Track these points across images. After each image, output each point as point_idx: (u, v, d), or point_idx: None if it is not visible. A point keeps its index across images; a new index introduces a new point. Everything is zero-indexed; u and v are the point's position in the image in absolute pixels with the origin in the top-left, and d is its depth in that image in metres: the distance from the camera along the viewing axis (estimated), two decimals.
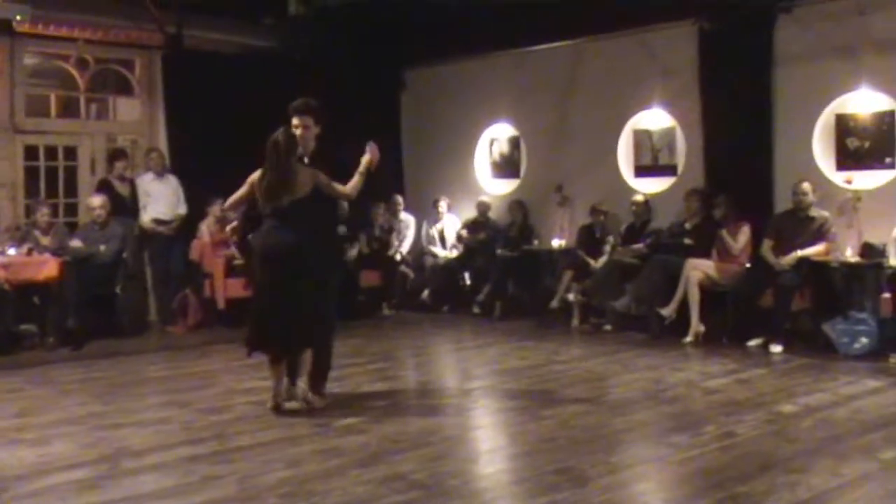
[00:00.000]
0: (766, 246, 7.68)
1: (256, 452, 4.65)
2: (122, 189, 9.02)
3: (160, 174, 9.12)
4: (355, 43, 10.18)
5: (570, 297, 8.86)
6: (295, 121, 5.64)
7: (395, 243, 10.30)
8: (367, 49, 10.41)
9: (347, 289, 9.28)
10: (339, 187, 5.60)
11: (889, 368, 6.58)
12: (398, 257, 10.23)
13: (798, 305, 7.46)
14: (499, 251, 9.68)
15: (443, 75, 10.94)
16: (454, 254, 10.31)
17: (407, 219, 10.52)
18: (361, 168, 5.65)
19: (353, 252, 9.59)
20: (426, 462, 4.44)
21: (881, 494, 3.96)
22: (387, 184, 10.73)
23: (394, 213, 10.49)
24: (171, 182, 9.18)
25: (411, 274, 10.36)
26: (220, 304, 8.98)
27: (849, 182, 7.68)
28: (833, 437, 4.76)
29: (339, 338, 8.13)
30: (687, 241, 8.22)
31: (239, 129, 9.64)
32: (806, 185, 7.60)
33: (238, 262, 8.91)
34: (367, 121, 10.08)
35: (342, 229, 7.01)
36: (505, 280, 9.62)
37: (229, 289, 8.90)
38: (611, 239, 8.99)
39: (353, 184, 5.64)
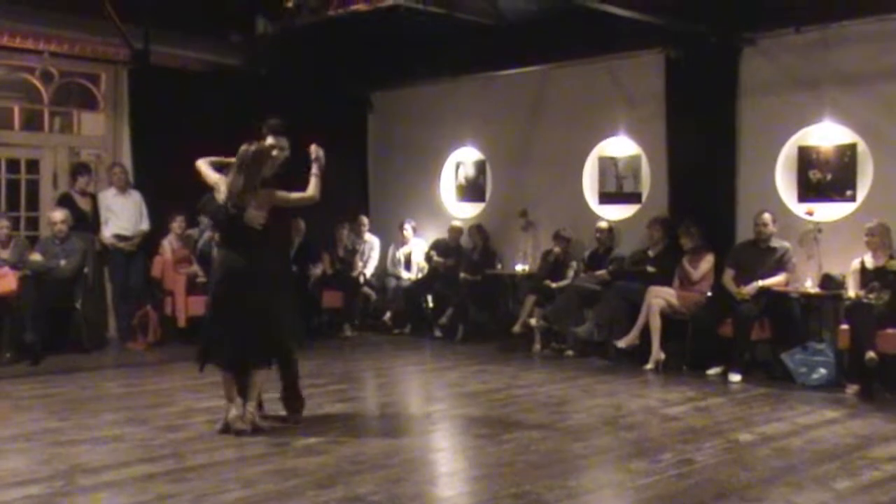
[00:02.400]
0: (727, 275, 7.76)
1: (213, 472, 4.58)
2: (84, 204, 8.91)
3: (123, 190, 9.03)
4: (323, 63, 10.19)
5: (533, 322, 8.87)
6: (270, 140, 5.59)
7: (359, 264, 10.26)
8: (334, 70, 10.42)
9: (309, 309, 9.26)
10: (298, 195, 5.57)
11: (846, 399, 6.65)
12: (361, 279, 10.19)
13: (758, 335, 7.52)
14: (462, 275, 9.69)
15: (410, 98, 10.98)
16: (418, 276, 10.30)
17: (371, 240, 10.50)
18: (315, 170, 5.61)
19: (315, 272, 9.54)
20: (385, 484, 4.40)
21: None
22: (352, 205, 10.74)
23: (358, 234, 10.47)
24: (134, 198, 9.09)
25: (374, 295, 10.32)
26: (181, 322, 8.88)
27: (810, 214, 7.80)
28: (789, 467, 4.78)
29: (302, 358, 8.16)
30: (649, 268, 8.29)
31: (204, 146, 9.57)
32: (767, 216, 7.70)
33: (201, 279, 8.82)
34: (333, 142, 10.02)
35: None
36: (467, 304, 9.61)
37: (191, 306, 8.80)
38: (574, 264, 9.04)
39: (313, 186, 5.58)
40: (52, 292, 8.09)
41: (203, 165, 5.64)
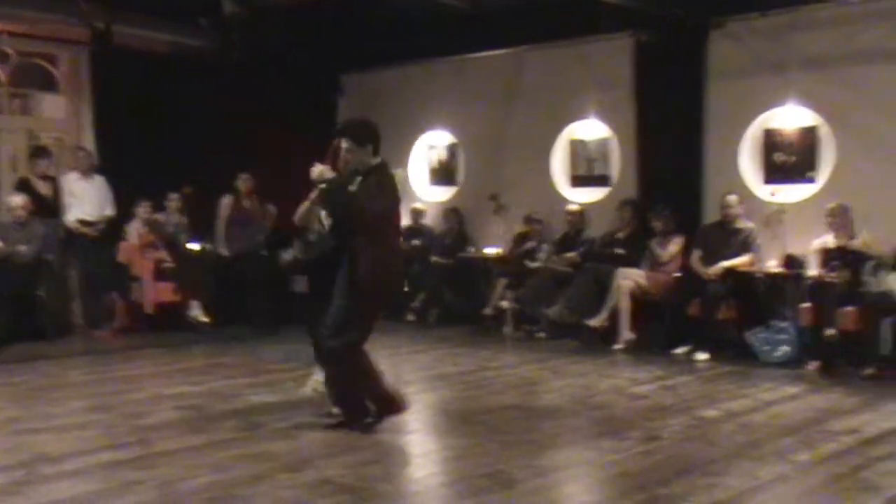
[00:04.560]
0: (695, 256, 7.86)
1: (181, 457, 4.57)
2: (44, 188, 8.74)
3: (87, 174, 8.91)
4: (292, 46, 10.12)
5: (504, 304, 8.93)
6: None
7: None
8: (304, 52, 10.36)
9: (280, 294, 9.23)
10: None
11: (807, 375, 6.79)
12: None
13: (724, 315, 7.64)
14: (434, 258, 9.71)
15: (381, 80, 10.92)
16: None
17: None
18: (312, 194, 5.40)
19: (286, 257, 9.50)
20: (356, 467, 4.42)
21: (794, 495, 4.09)
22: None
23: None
24: (99, 182, 8.97)
25: None
26: (149, 309, 8.82)
27: (774, 195, 7.91)
28: (751, 441, 4.88)
29: (272, 343, 8.18)
30: (619, 250, 8.37)
31: (170, 129, 9.54)
32: (733, 198, 7.80)
33: (168, 265, 8.78)
34: (303, 125, 10.03)
35: None
36: (440, 287, 9.64)
37: (158, 293, 8.75)
38: (545, 247, 9.09)
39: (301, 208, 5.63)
40: (12, 279, 8.00)
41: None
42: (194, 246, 9.22)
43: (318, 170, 5.14)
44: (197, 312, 8.86)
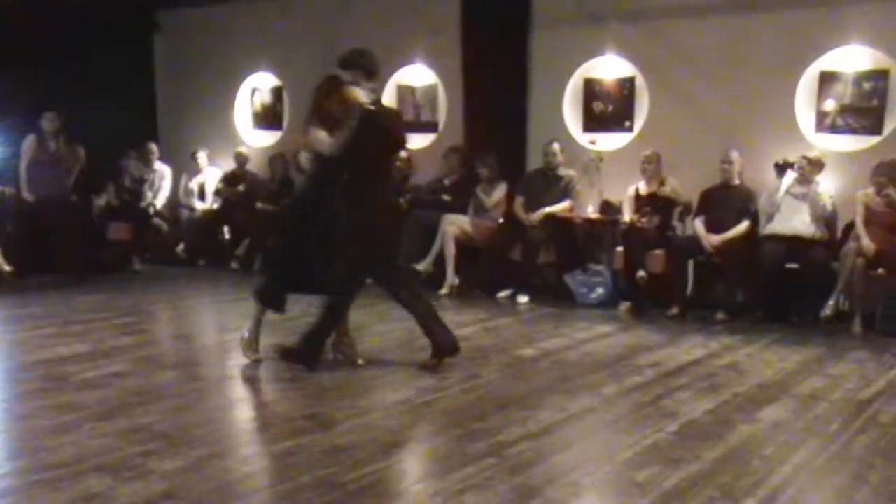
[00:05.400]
0: (518, 203, 8.05)
1: None
2: None
3: None
4: None
5: None
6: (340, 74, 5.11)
7: (149, 195, 9.77)
8: None
9: (92, 241, 8.77)
10: (312, 140, 5.20)
11: (619, 315, 7.17)
12: (151, 210, 9.72)
13: (544, 259, 7.90)
14: (258, 205, 9.47)
15: (201, 18, 10.45)
16: (214, 206, 9.96)
17: (162, 169, 9.98)
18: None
19: (99, 203, 9.02)
20: (170, 413, 4.29)
21: (600, 424, 4.32)
22: (138, 132, 10.18)
23: (147, 163, 9.92)
24: None
25: (165, 227, 9.88)
26: None
27: (593, 143, 8.20)
28: (564, 377, 5.10)
29: (85, 292, 7.75)
30: (445, 197, 8.45)
31: None
32: (556, 146, 8.03)
33: None
34: (116, 63, 9.47)
35: None
36: (264, 234, 9.41)
37: None
38: None
39: (334, 137, 5.04)
40: None
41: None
42: None
43: (356, 92, 4.89)
44: None
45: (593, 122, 8.37)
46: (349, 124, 4.94)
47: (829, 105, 7.26)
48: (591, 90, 8.36)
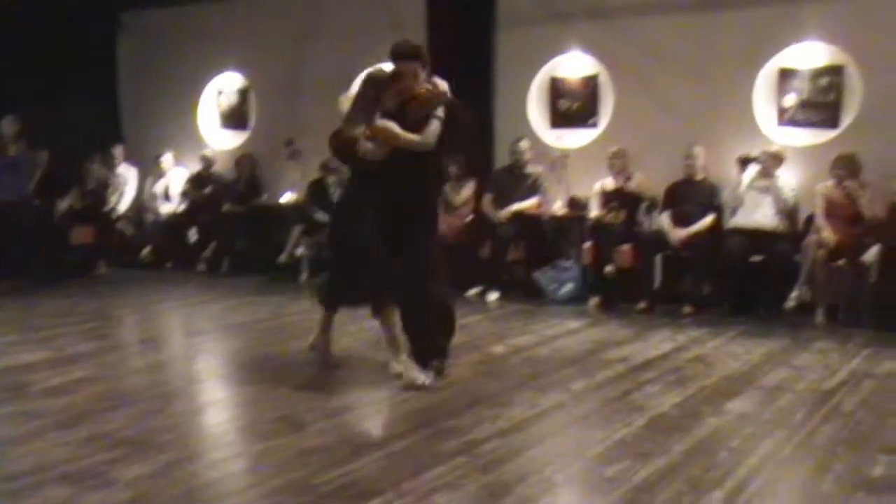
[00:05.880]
0: (486, 200, 8.07)
1: None
2: None
3: None
4: None
5: (300, 252, 8.81)
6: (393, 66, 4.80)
7: (113, 198, 9.67)
8: None
9: (56, 245, 8.67)
10: (408, 137, 4.77)
11: (588, 311, 7.21)
12: (116, 213, 9.62)
13: (513, 256, 7.92)
14: (226, 206, 9.40)
15: (166, 18, 10.33)
16: (180, 209, 9.87)
17: (126, 172, 9.90)
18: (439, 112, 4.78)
19: (62, 206, 8.90)
20: (136, 419, 4.23)
21: (570, 420, 4.33)
22: (102, 134, 10.08)
23: (111, 166, 9.82)
24: None
25: (130, 230, 9.78)
26: None
27: (559, 140, 8.25)
28: (534, 373, 5.11)
29: (48, 297, 7.65)
30: None
31: None
32: (523, 144, 8.06)
33: None
34: (78, 65, 9.34)
35: None
36: (232, 235, 9.37)
37: None
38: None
39: (429, 132, 4.76)
40: None
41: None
42: None
43: (443, 83, 4.71)
44: None
45: (559, 119, 8.40)
46: (437, 116, 4.72)
47: (789, 100, 7.36)
48: (556, 88, 8.40)
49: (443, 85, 4.78)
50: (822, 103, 7.25)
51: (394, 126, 4.71)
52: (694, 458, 3.69)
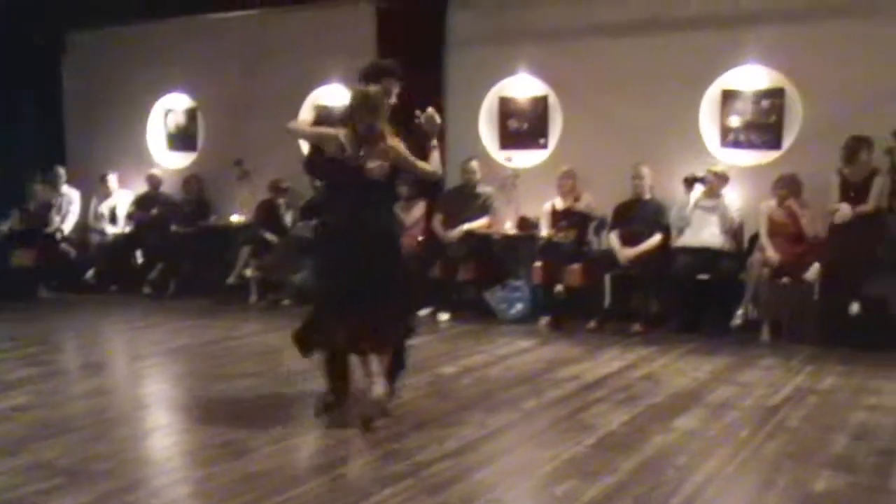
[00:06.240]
0: (437, 220, 8.07)
1: None
2: None
3: None
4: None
5: (248, 273, 8.71)
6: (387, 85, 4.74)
7: (56, 219, 9.47)
8: (21, 5, 9.43)
9: None
10: (421, 163, 4.65)
11: (539, 330, 7.22)
12: (59, 235, 9.42)
13: (464, 276, 7.91)
14: (173, 227, 9.27)
15: (111, 39, 10.19)
16: (126, 230, 9.71)
17: (70, 193, 9.70)
18: (433, 142, 4.75)
19: (2, 228, 8.70)
20: (76, 447, 4.13)
21: (519, 440, 4.33)
22: (45, 155, 9.90)
23: (54, 187, 9.63)
24: None
25: (73, 252, 9.57)
26: None
27: (509, 160, 8.29)
28: (484, 393, 5.10)
29: None
30: None
31: None
32: (474, 164, 8.09)
33: None
34: (22, 85, 9.18)
35: None
36: (179, 257, 9.22)
37: None
38: (291, 214, 8.95)
39: (435, 159, 4.73)
40: None
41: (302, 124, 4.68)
42: None
43: (433, 112, 4.64)
44: None
45: (509, 139, 8.45)
46: (434, 143, 4.76)
47: (733, 121, 7.50)
48: (506, 108, 8.45)
49: (432, 113, 4.74)
50: (764, 125, 7.41)
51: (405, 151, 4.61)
52: (641, 477, 3.70)
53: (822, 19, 7.10)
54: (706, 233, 7.11)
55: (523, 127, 8.39)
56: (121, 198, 9.93)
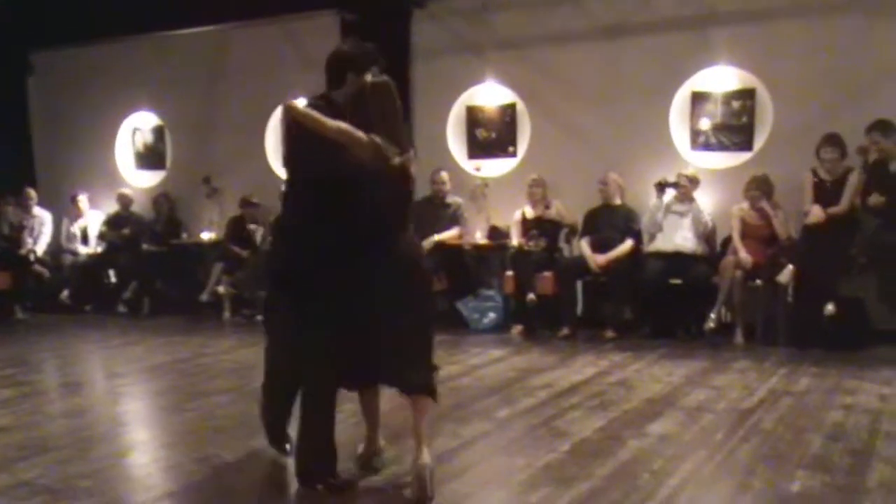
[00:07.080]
0: None
1: None
2: None
3: None
4: None
5: (221, 289, 8.71)
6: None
7: (28, 241, 9.42)
8: None
9: None
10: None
11: (511, 339, 7.27)
12: (32, 256, 9.37)
13: (436, 287, 7.92)
14: (145, 246, 9.26)
15: (77, 59, 10.17)
16: (98, 250, 9.68)
17: (42, 214, 9.65)
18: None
19: None
20: (56, 465, 4.12)
21: (493, 449, 4.35)
22: (14, 177, 9.83)
23: (26, 209, 9.58)
24: None
25: (47, 273, 9.52)
26: None
27: (478, 170, 8.35)
28: (457, 403, 5.12)
29: None
30: None
31: None
32: (444, 175, 8.13)
33: None
34: None
35: None
36: (152, 276, 9.20)
37: None
38: (263, 230, 8.95)
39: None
40: None
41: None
42: None
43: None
44: None
45: (477, 148, 8.51)
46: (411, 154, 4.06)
47: (703, 124, 7.55)
48: (473, 117, 8.51)
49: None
50: (735, 126, 7.45)
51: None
52: (616, 482, 3.74)
53: (792, 18, 7.13)
54: (679, 237, 7.17)
55: (491, 135, 8.45)
56: (92, 218, 9.89)
